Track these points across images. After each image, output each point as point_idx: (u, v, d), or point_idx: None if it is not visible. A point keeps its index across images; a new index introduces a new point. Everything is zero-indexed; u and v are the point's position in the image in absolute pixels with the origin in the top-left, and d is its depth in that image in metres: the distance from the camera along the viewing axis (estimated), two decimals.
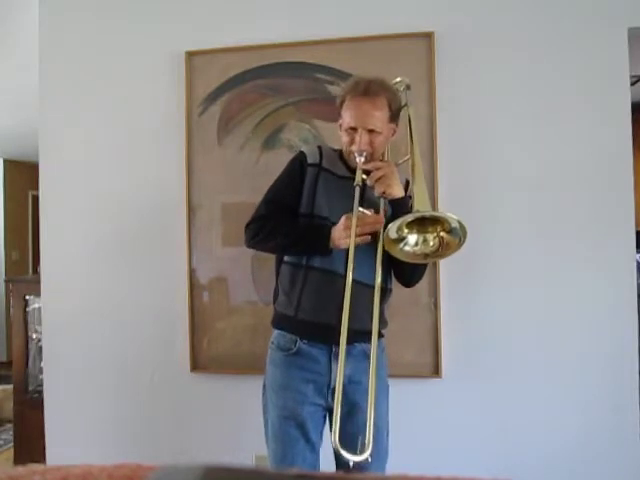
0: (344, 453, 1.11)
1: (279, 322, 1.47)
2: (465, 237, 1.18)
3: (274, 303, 1.51)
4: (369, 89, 1.33)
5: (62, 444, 2.12)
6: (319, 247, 1.36)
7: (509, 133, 1.88)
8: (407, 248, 1.24)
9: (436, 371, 1.88)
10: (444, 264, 1.87)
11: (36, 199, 2.37)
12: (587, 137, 1.83)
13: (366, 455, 1.11)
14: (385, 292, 1.44)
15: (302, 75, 1.97)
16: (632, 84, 2.46)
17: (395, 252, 1.25)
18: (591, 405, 1.81)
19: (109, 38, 2.12)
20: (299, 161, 1.46)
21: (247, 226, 1.46)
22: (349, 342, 1.29)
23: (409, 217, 1.18)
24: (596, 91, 1.83)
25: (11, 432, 2.90)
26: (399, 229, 1.21)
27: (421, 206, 1.19)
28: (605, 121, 1.82)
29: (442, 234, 1.22)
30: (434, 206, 1.86)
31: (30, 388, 2.77)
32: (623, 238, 1.82)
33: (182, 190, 2.03)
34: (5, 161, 5.47)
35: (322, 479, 0.32)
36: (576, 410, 1.82)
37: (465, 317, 1.88)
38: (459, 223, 1.17)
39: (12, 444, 2.82)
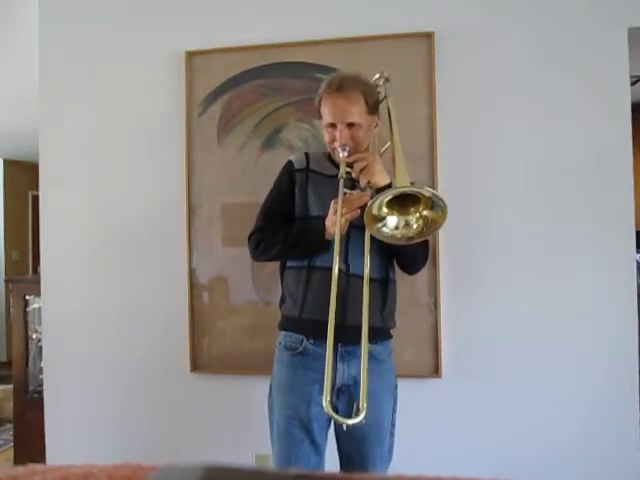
0: (337, 417, 1.14)
1: (285, 324, 1.49)
2: (446, 208, 1.16)
3: (280, 307, 1.52)
4: (343, 85, 1.36)
5: (62, 444, 2.12)
6: (316, 242, 1.38)
7: (509, 133, 1.88)
8: (385, 230, 1.23)
9: (436, 371, 1.88)
10: (444, 264, 1.88)
11: (36, 199, 2.37)
12: (587, 137, 1.83)
13: (360, 418, 1.13)
14: (387, 283, 1.44)
15: (302, 75, 1.97)
16: (632, 84, 2.46)
17: (372, 231, 1.24)
18: (591, 405, 1.82)
19: (109, 38, 2.12)
20: (287, 170, 1.50)
21: (249, 239, 1.51)
22: (354, 342, 1.30)
23: (390, 193, 1.17)
24: (596, 91, 1.83)
25: (11, 432, 2.90)
26: (380, 206, 1.20)
27: (402, 183, 1.19)
28: (605, 121, 1.82)
29: (425, 213, 1.21)
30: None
31: (30, 388, 2.77)
32: (623, 238, 1.82)
33: (182, 190, 2.03)
34: (5, 161, 5.47)
35: (322, 479, 0.32)
36: (576, 410, 1.82)
37: (465, 317, 1.89)
38: (435, 195, 1.16)
39: (12, 444, 2.82)
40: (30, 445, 2.56)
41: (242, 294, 2.01)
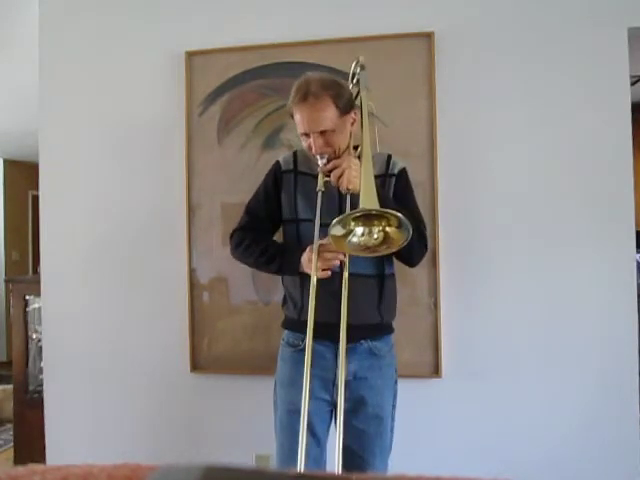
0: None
1: (287, 323, 1.52)
2: (409, 234, 1.14)
3: (282, 307, 1.55)
4: (308, 93, 1.33)
5: (62, 444, 2.12)
6: (290, 270, 1.41)
7: (509, 133, 1.88)
8: (354, 239, 1.20)
9: (436, 371, 1.88)
10: (444, 264, 1.88)
11: (36, 199, 2.37)
12: (587, 137, 1.83)
13: None
14: (385, 279, 1.45)
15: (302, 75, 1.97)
16: (632, 84, 2.46)
17: (343, 247, 1.22)
18: (591, 404, 1.81)
19: (109, 38, 2.12)
20: (273, 172, 1.51)
21: (231, 236, 1.53)
22: (354, 340, 1.33)
23: (352, 214, 1.15)
24: (596, 91, 1.83)
25: (11, 432, 2.90)
26: (345, 225, 1.17)
27: (367, 202, 1.15)
28: (605, 121, 1.82)
29: (387, 229, 1.18)
30: (434, 206, 1.87)
31: (30, 388, 2.77)
32: (623, 238, 1.82)
33: (182, 190, 2.03)
34: (5, 161, 5.47)
35: (322, 479, 0.32)
36: (576, 409, 1.82)
37: (465, 317, 1.88)
38: (405, 219, 1.13)
39: (12, 444, 2.82)
40: (30, 445, 2.56)
41: (242, 294, 2.01)
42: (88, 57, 2.14)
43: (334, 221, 1.15)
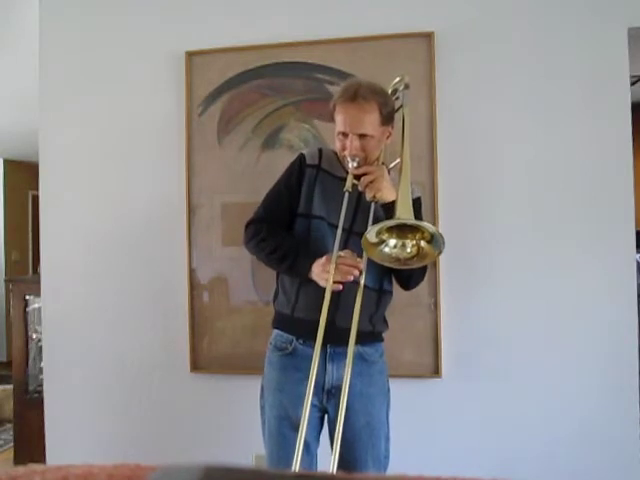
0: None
1: (277, 321, 1.49)
2: (443, 249, 1.19)
3: (274, 303, 1.52)
4: (357, 94, 1.33)
5: (62, 444, 2.12)
6: (299, 274, 1.38)
7: (509, 133, 1.88)
8: (386, 250, 1.23)
9: (436, 371, 1.88)
10: (444, 264, 1.88)
11: (36, 199, 2.37)
12: (587, 137, 1.83)
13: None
14: (383, 294, 1.44)
15: (302, 75, 1.97)
16: (632, 84, 2.46)
17: (373, 255, 1.23)
18: (591, 405, 1.81)
19: (109, 38, 2.12)
20: (298, 163, 1.47)
21: (246, 227, 1.49)
22: (344, 344, 1.29)
23: (389, 223, 1.18)
24: (596, 91, 1.83)
25: (11, 432, 2.90)
26: (379, 233, 1.20)
27: (403, 212, 1.18)
28: (605, 121, 1.82)
29: (421, 243, 1.21)
30: (434, 206, 1.87)
31: (30, 388, 2.77)
32: (623, 238, 1.82)
33: (182, 190, 2.03)
34: (5, 161, 5.47)
35: (321, 479, 0.32)
36: (576, 410, 1.82)
37: (465, 317, 1.89)
38: (439, 234, 1.17)
39: (12, 444, 2.82)
40: (30, 445, 2.56)
41: (242, 294, 2.01)
42: (88, 57, 2.14)
43: (370, 228, 1.18)
